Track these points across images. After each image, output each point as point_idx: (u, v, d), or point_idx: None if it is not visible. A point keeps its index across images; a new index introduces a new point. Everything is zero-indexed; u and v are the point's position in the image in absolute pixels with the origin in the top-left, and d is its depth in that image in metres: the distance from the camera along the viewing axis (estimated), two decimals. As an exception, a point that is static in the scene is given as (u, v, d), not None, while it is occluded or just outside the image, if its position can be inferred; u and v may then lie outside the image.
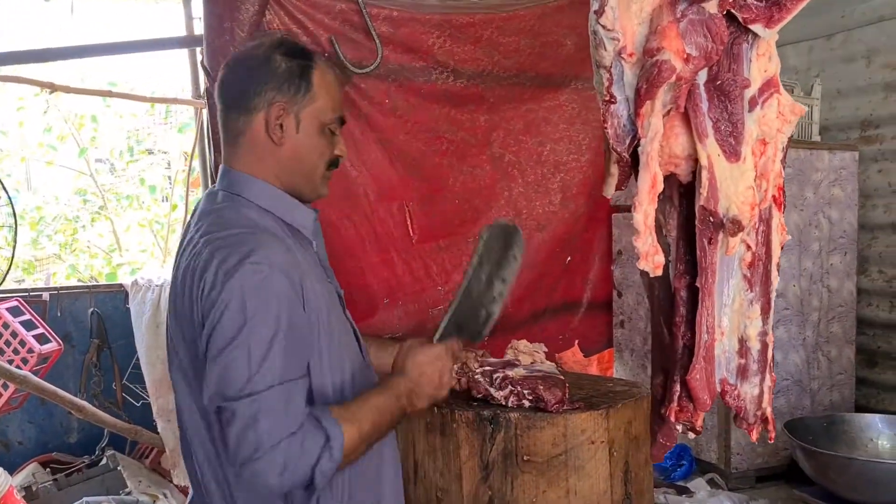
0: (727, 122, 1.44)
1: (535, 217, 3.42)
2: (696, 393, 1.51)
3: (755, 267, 1.53)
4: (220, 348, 1.52)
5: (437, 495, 2.41)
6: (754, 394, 1.58)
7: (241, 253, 1.55)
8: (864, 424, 2.81)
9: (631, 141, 1.48)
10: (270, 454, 1.47)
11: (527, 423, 2.27)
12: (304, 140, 1.75)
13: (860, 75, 3.40)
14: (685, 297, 1.55)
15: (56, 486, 3.92)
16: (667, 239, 1.57)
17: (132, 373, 4.41)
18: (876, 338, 3.38)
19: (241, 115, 1.71)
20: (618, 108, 1.46)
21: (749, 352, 1.56)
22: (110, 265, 6.85)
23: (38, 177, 7.39)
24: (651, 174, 1.41)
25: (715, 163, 1.43)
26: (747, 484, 3.04)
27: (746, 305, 1.55)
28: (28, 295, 4.23)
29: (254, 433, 1.47)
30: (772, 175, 1.48)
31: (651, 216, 1.42)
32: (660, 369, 1.65)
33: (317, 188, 1.80)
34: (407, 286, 3.12)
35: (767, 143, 1.47)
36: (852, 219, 3.27)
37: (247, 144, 1.73)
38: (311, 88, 1.74)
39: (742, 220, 1.43)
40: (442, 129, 3.15)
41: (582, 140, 3.50)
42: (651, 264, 1.43)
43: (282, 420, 1.49)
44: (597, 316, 3.70)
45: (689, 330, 1.53)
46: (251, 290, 1.52)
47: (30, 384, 3.76)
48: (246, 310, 1.51)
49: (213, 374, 1.52)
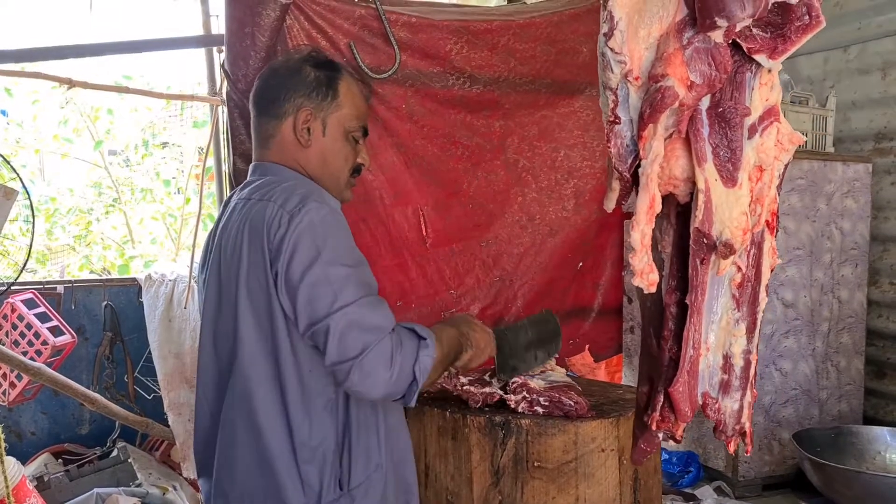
0: (726, 149, 1.48)
1: (547, 222, 3.44)
2: (678, 404, 1.56)
3: (744, 288, 1.57)
4: (299, 278, 1.63)
5: (448, 499, 2.44)
6: (734, 408, 1.63)
7: (300, 195, 1.70)
8: (872, 437, 2.83)
9: (633, 161, 1.52)
10: (377, 347, 1.60)
11: (538, 429, 2.30)
12: (330, 144, 1.89)
13: (875, 87, 3.41)
14: (675, 313, 1.60)
15: (68, 477, 3.97)
16: (661, 255, 1.61)
17: (144, 366, 4.46)
18: (885, 349, 3.39)
19: (273, 120, 1.87)
20: (622, 128, 1.50)
21: (732, 368, 1.61)
22: (123, 257, 6.91)
23: (53, 168, 7.44)
24: (650, 195, 1.45)
25: (712, 187, 1.47)
26: (754, 492, 3.06)
27: (733, 324, 1.59)
28: (43, 287, 4.28)
29: (354, 336, 1.60)
30: (766, 200, 1.51)
31: (648, 235, 1.47)
32: (646, 378, 1.70)
33: (342, 191, 1.94)
34: (420, 289, 3.14)
35: (764, 170, 1.50)
36: (864, 230, 3.27)
37: (276, 145, 1.88)
38: (338, 97, 1.89)
39: (734, 244, 1.46)
40: (457, 135, 3.17)
41: (596, 146, 3.52)
42: (646, 282, 1.48)
43: (378, 323, 1.63)
44: (607, 321, 3.71)
45: (676, 344, 1.58)
46: (319, 222, 1.66)
47: (43, 376, 3.81)
48: (317, 239, 1.64)
49: (300, 301, 1.63)
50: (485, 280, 3.29)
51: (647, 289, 1.49)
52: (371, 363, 1.59)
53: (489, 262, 3.30)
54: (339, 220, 1.71)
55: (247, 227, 1.72)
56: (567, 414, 2.34)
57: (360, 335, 1.59)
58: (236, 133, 2.68)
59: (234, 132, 2.69)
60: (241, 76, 2.64)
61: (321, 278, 1.62)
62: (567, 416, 2.33)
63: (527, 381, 2.41)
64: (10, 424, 4.23)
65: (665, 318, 1.60)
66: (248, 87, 2.67)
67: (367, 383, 1.60)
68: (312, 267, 1.62)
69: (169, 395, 4.19)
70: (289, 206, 1.67)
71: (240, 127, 2.68)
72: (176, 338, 4.25)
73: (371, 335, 1.60)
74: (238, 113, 2.67)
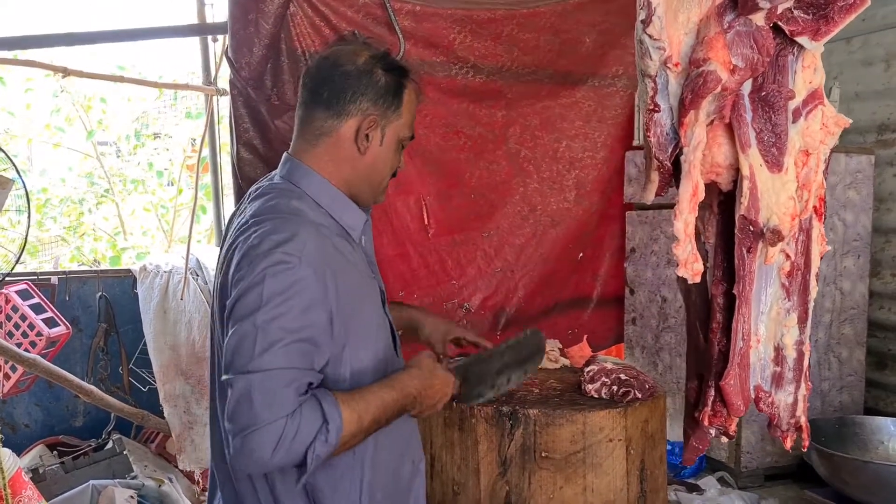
0: (770, 133, 1.45)
1: (549, 213, 3.43)
2: (729, 398, 1.52)
3: (794, 276, 1.53)
4: (234, 323, 1.56)
5: (454, 489, 2.43)
6: (788, 402, 1.59)
7: (274, 241, 1.59)
8: (875, 427, 2.84)
9: (673, 149, 1.48)
10: (266, 428, 1.48)
11: (546, 419, 2.28)
12: (384, 153, 1.80)
13: (878, 79, 3.41)
14: (722, 304, 1.56)
15: (63, 469, 3.93)
16: (705, 246, 1.58)
17: (139, 358, 4.42)
18: (887, 340, 3.40)
19: (332, 118, 1.75)
20: (661, 116, 1.47)
21: (784, 360, 1.57)
22: (115, 249, 6.84)
23: (44, 158, 7.36)
24: (693, 183, 1.42)
25: (757, 173, 1.44)
26: (756, 483, 3.06)
27: (783, 314, 1.55)
28: (37, 278, 4.23)
29: (249, 406, 1.49)
30: (814, 186, 1.49)
31: (691, 224, 1.43)
32: (694, 374, 1.66)
33: (379, 196, 1.88)
34: (422, 279, 3.13)
35: (810, 155, 1.48)
36: (866, 222, 3.27)
37: (328, 146, 1.77)
38: (401, 106, 1.80)
39: (782, 231, 1.43)
40: (460, 125, 3.15)
41: (597, 137, 3.51)
42: (690, 272, 1.44)
43: (280, 400, 1.51)
44: (606, 312, 3.71)
45: (725, 336, 1.54)
46: (274, 277, 1.56)
47: (39, 367, 3.76)
48: (263, 294, 1.55)
49: (227, 346, 1.57)
50: (486, 270, 3.28)
51: (692, 279, 1.46)
52: (254, 442, 1.48)
53: (490, 253, 3.29)
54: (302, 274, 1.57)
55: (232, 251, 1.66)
56: (650, 391, 2.36)
57: (251, 409, 1.48)
58: (240, 122, 2.65)
59: (238, 121, 2.65)
60: (244, 63, 2.61)
61: (248, 333, 1.53)
62: (649, 394, 2.35)
63: (603, 366, 2.44)
64: (4, 416, 4.19)
65: (712, 310, 1.56)
66: (251, 74, 2.65)
67: (247, 461, 1.51)
68: (247, 318, 1.54)
69: (164, 387, 4.16)
70: (260, 248, 1.58)
71: (243, 115, 2.65)
72: (171, 329, 4.22)
73: (264, 414, 1.48)
74: (242, 101, 2.64)
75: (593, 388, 2.45)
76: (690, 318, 1.66)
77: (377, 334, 1.84)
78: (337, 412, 1.56)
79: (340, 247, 1.72)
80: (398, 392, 1.74)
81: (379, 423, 1.69)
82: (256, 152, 2.67)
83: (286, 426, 1.49)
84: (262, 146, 2.67)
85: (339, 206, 1.78)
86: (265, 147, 2.66)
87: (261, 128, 2.67)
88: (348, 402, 1.61)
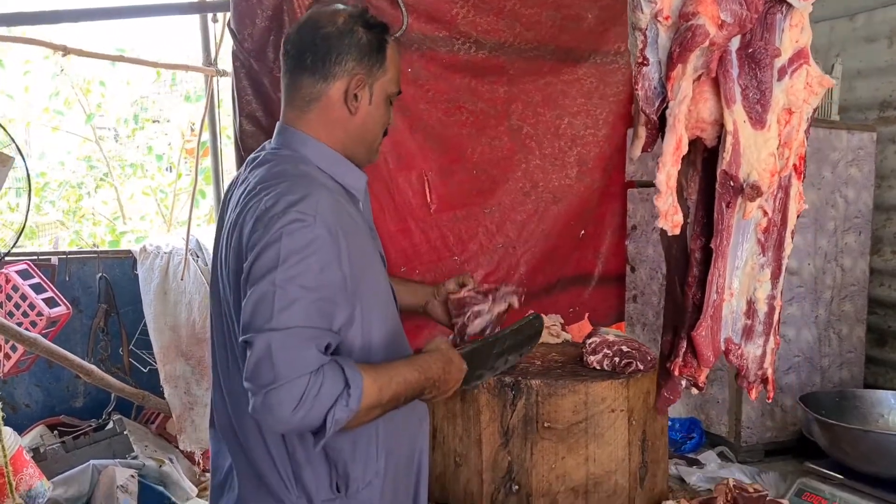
0: (756, 90, 1.47)
1: (550, 190, 3.43)
2: (700, 349, 1.57)
3: (770, 232, 1.57)
4: (254, 283, 1.56)
5: (456, 460, 2.44)
6: (757, 354, 1.64)
7: (288, 201, 1.59)
8: (875, 400, 2.84)
9: (660, 103, 1.50)
10: (288, 386, 1.48)
11: (548, 389, 2.29)
12: (374, 111, 1.82)
13: (881, 56, 3.39)
14: (699, 258, 1.60)
15: (63, 449, 3.95)
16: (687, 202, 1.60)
17: (139, 339, 4.43)
18: (887, 317, 3.40)
19: (319, 82, 1.76)
20: (650, 70, 1.49)
21: (756, 314, 1.61)
22: (114, 233, 6.84)
23: (43, 142, 7.34)
24: (677, 136, 1.45)
25: (740, 129, 1.46)
26: (756, 457, 3.07)
27: (758, 269, 1.59)
28: (37, 259, 4.23)
29: (271, 364, 1.49)
30: (795, 144, 1.51)
31: (673, 177, 1.46)
32: (670, 327, 1.71)
33: (373, 155, 1.90)
34: (424, 255, 3.12)
35: (793, 113, 1.50)
36: (868, 199, 3.27)
37: (319, 110, 1.78)
38: (385, 62, 1.81)
39: (761, 186, 1.46)
40: (462, 100, 3.14)
41: (599, 114, 3.50)
42: (670, 223, 1.47)
43: (302, 358, 1.51)
44: (607, 290, 3.71)
45: (700, 289, 1.58)
46: (290, 235, 1.56)
47: (39, 347, 3.77)
48: (281, 252, 1.55)
49: (246, 307, 1.56)
50: (488, 246, 3.28)
51: (672, 230, 1.48)
52: (275, 399, 1.47)
53: (492, 229, 3.29)
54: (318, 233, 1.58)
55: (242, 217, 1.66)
56: (652, 363, 2.37)
57: (273, 367, 1.48)
58: (242, 94, 2.64)
59: (241, 93, 2.65)
60: (247, 35, 2.60)
61: (267, 292, 1.52)
62: (651, 365, 2.37)
63: (605, 337, 2.45)
64: (5, 396, 4.19)
65: (690, 263, 1.59)
66: (254, 46, 2.64)
67: (268, 417, 1.51)
68: (265, 277, 1.54)
69: (165, 368, 4.17)
70: (274, 209, 1.59)
71: (246, 87, 2.65)
72: (172, 310, 4.22)
73: (286, 370, 1.48)
74: (244, 73, 2.63)
75: (595, 360, 2.46)
76: (670, 272, 1.70)
77: (386, 299, 1.86)
78: (359, 378, 1.57)
79: (348, 209, 1.74)
80: (420, 373, 1.76)
81: (397, 401, 1.69)
82: (259, 124, 2.66)
83: (309, 384, 1.49)
84: (265, 118, 2.66)
85: (340, 169, 1.80)
86: (268, 119, 2.65)
87: (263, 100, 2.67)
88: (371, 373, 1.61)
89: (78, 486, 3.78)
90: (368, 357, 1.73)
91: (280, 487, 1.73)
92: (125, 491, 3.74)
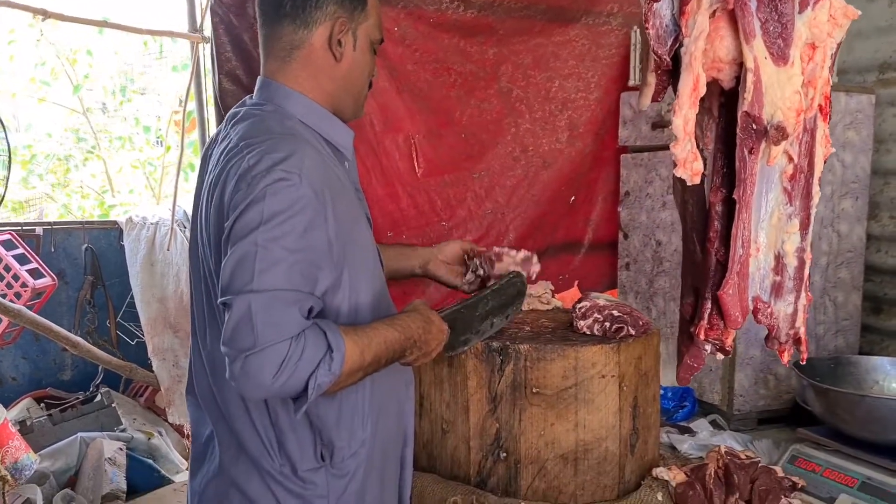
0: (776, 23, 1.37)
1: (541, 154, 3.36)
2: (727, 309, 1.46)
3: (796, 180, 1.46)
4: (234, 243, 1.48)
5: (443, 427, 2.39)
6: (788, 312, 1.52)
7: (273, 159, 1.51)
8: (871, 367, 2.79)
9: (673, 42, 1.40)
10: (269, 351, 1.41)
11: (537, 354, 2.23)
12: (360, 58, 1.74)
13: (881, 16, 3.30)
14: (720, 212, 1.48)
15: (51, 421, 3.90)
16: (704, 153, 1.50)
17: (127, 311, 4.37)
18: (883, 284, 3.34)
19: (300, 29, 1.68)
20: (661, 6, 1.38)
21: (785, 269, 1.50)
22: (102, 207, 6.75)
23: (29, 113, 7.22)
24: (694, 75, 1.35)
25: (761, 66, 1.36)
26: (749, 426, 3.03)
27: (785, 220, 1.48)
28: (21, 229, 4.15)
29: (251, 327, 1.42)
30: (819, 82, 1.41)
31: (691, 122, 1.36)
32: (690, 289, 1.59)
33: (359, 108, 1.81)
34: (411, 220, 3.06)
35: (817, 48, 1.40)
36: (865, 163, 3.20)
37: (301, 59, 1.69)
38: (366, 6, 1.73)
39: (787, 127, 1.36)
40: (450, 61, 3.06)
41: (591, 77, 3.42)
42: (689, 171, 1.37)
43: (284, 322, 1.44)
44: (598, 257, 3.66)
45: (724, 245, 1.47)
46: (274, 194, 1.48)
47: (24, 318, 3.71)
48: (264, 212, 1.47)
49: (225, 267, 1.48)
50: (477, 212, 3.21)
51: (691, 179, 1.38)
52: (255, 365, 1.41)
53: (481, 194, 3.23)
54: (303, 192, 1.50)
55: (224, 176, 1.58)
56: (644, 328, 2.31)
57: (252, 330, 1.42)
58: (222, 51, 2.56)
59: (220, 50, 2.56)
60: (227, -12, 2.51)
61: (248, 253, 1.45)
62: (643, 330, 2.31)
63: (595, 302, 2.38)
64: (-10, 369, 4.14)
65: (710, 218, 1.48)
66: (234, 0, 2.55)
67: (247, 383, 1.43)
68: (247, 237, 1.46)
69: (153, 341, 4.12)
70: (258, 167, 1.50)
71: (225, 44, 2.56)
72: (159, 282, 4.16)
73: (267, 334, 1.41)
74: (224, 29, 2.55)
75: (585, 325, 2.40)
76: (687, 230, 1.59)
77: (373, 262, 1.79)
78: (342, 341, 1.51)
79: (334, 169, 1.66)
80: (400, 333, 1.70)
81: (378, 363, 1.64)
82: (239, 83, 2.58)
83: (290, 349, 1.43)
84: (246, 77, 2.58)
85: (327, 124, 1.72)
86: (248, 78, 2.57)
87: (244, 56, 2.58)
88: (351, 335, 1.55)
89: (65, 459, 3.73)
90: (356, 321, 1.67)
91: (262, 455, 1.67)
92: (113, 463, 3.70)
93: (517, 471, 2.27)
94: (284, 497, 1.67)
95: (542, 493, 2.26)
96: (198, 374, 1.79)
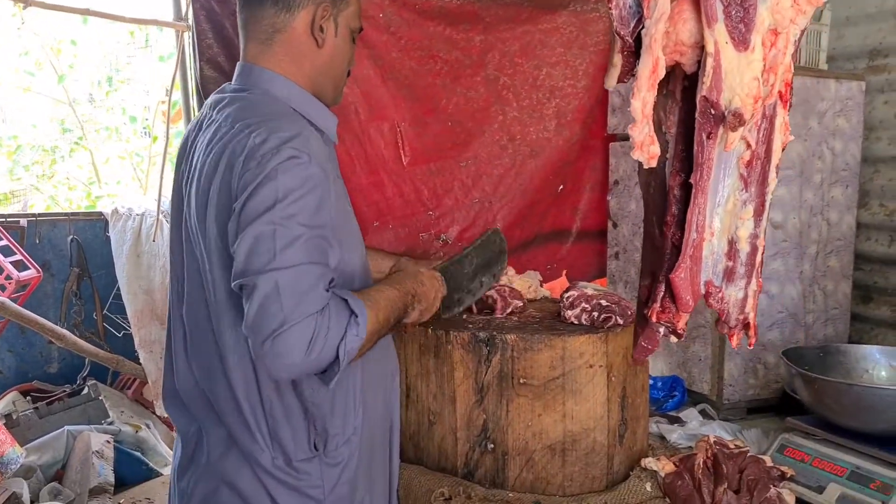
0: (738, 7, 1.35)
1: (528, 143, 3.32)
2: (679, 292, 1.47)
3: (753, 166, 1.46)
4: (248, 223, 1.46)
5: (430, 419, 2.36)
6: (738, 297, 1.53)
7: (281, 137, 1.50)
8: (860, 355, 2.78)
9: (636, 24, 1.39)
10: (298, 328, 1.40)
11: (524, 345, 2.21)
12: (340, 45, 1.73)
13: (871, 2, 3.28)
14: (679, 196, 1.49)
15: (37, 415, 3.86)
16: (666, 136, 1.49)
17: (113, 303, 4.33)
18: (872, 273, 3.33)
19: (282, 12, 1.66)
20: None
21: (738, 254, 1.51)
22: (89, 198, 6.69)
23: (14, 104, 7.13)
24: (653, 58, 1.33)
25: (722, 50, 1.34)
26: (738, 415, 3.02)
27: (740, 206, 1.48)
28: (6, 221, 4.10)
29: (279, 307, 1.41)
30: (780, 69, 1.39)
31: (649, 104, 1.35)
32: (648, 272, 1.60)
33: (338, 95, 1.81)
34: (397, 209, 3.03)
35: (779, 34, 1.37)
36: (856, 151, 3.18)
37: (284, 42, 1.68)
38: None
39: (744, 114, 1.34)
40: (436, 48, 3.02)
41: (579, 65, 3.39)
42: (646, 154, 1.36)
43: (310, 297, 1.44)
44: (586, 246, 3.63)
45: (680, 229, 1.48)
46: (287, 172, 1.47)
47: (9, 311, 3.67)
48: (279, 190, 1.46)
49: (240, 249, 1.46)
50: (464, 201, 3.18)
51: (647, 163, 1.37)
52: (286, 343, 1.40)
53: (468, 183, 3.19)
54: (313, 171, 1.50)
55: (224, 158, 1.55)
56: (633, 318, 2.27)
57: (282, 307, 1.40)
58: (203, 37, 2.52)
59: (201, 36, 2.52)
60: (206, -26, 2.47)
61: (265, 232, 1.44)
62: (631, 320, 2.27)
63: (583, 291, 2.36)
64: (-24, 363, 4.09)
65: (668, 202, 1.49)
66: (214, -15, 2.51)
67: (278, 364, 1.42)
68: (262, 216, 1.45)
69: (140, 333, 4.08)
70: (266, 146, 1.49)
71: (206, 31, 2.52)
72: (145, 273, 4.13)
73: (295, 311, 1.41)
74: (205, 15, 2.51)
75: (573, 315, 2.38)
76: (648, 213, 1.59)
77: (360, 245, 1.81)
78: (361, 304, 1.51)
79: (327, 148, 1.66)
80: (399, 290, 1.72)
81: (388, 323, 1.65)
82: (221, 70, 2.54)
83: (317, 324, 1.42)
84: (228, 64, 2.54)
85: (312, 108, 1.71)
86: (230, 64, 2.53)
87: (225, 43, 2.54)
88: (364, 298, 1.56)
89: (52, 453, 3.70)
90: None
91: (255, 448, 1.65)
92: (101, 456, 3.66)
93: (504, 462, 2.25)
94: (277, 490, 1.65)
95: (529, 484, 2.24)
96: (180, 374, 1.75)
